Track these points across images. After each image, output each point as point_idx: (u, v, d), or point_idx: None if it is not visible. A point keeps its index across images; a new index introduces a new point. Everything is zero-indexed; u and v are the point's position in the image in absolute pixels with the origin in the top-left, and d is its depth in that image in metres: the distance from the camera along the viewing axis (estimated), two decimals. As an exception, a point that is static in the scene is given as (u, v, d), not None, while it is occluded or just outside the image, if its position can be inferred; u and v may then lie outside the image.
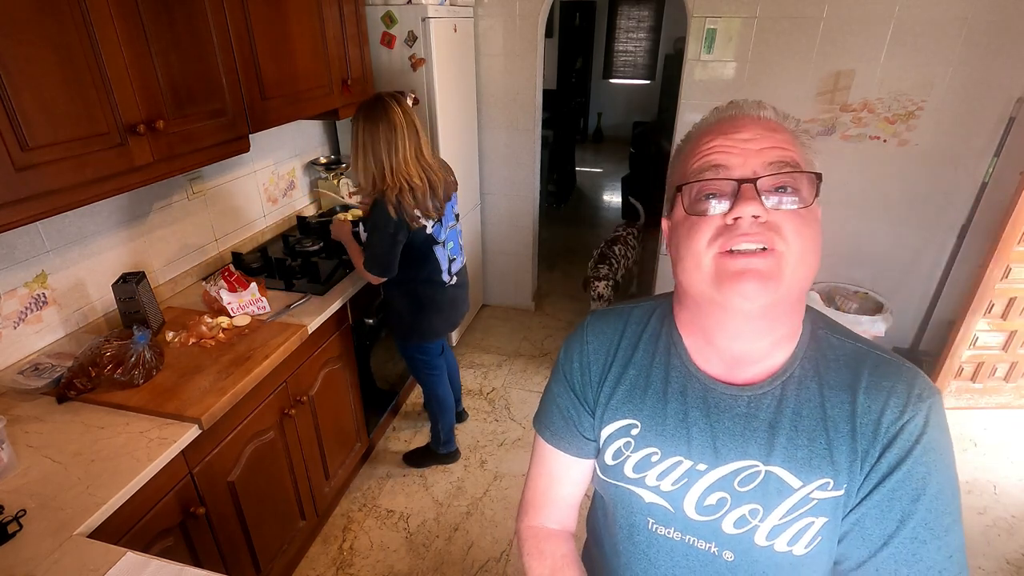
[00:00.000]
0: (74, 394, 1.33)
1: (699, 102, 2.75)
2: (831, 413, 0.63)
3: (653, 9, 7.28)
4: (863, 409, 0.62)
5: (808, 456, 0.63)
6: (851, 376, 0.64)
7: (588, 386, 0.77)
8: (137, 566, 0.96)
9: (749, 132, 0.61)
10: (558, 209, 5.54)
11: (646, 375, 0.72)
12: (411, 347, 2.11)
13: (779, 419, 0.64)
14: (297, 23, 1.85)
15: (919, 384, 0.62)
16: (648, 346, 0.74)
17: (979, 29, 2.30)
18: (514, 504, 2.17)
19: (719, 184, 0.60)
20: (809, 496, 0.62)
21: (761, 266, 0.58)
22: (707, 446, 0.67)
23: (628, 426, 0.72)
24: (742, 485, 0.65)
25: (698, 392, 0.68)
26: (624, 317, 0.78)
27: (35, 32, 1.08)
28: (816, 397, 0.64)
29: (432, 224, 1.85)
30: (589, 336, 0.78)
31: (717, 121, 0.65)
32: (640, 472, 0.71)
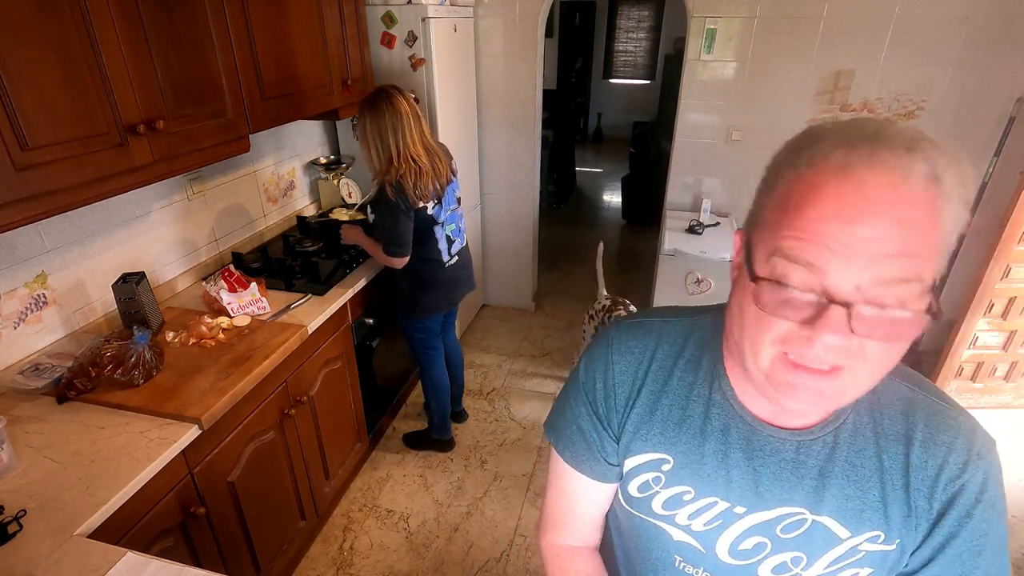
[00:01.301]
0: (74, 394, 1.33)
1: (699, 102, 2.75)
2: (887, 465, 0.59)
3: (653, 9, 7.29)
4: (919, 463, 0.58)
5: (860, 508, 0.59)
6: (904, 425, 0.60)
7: (613, 411, 0.69)
8: (137, 566, 0.96)
9: (874, 226, 0.44)
10: (558, 209, 5.54)
11: (682, 407, 0.65)
12: (410, 324, 2.16)
13: (831, 467, 0.60)
14: (297, 23, 1.85)
15: (978, 440, 0.58)
16: (686, 375, 0.66)
17: (979, 29, 2.30)
18: (514, 504, 2.17)
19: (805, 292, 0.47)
20: (857, 548, 0.59)
21: (823, 387, 0.49)
22: (748, 489, 0.62)
23: (659, 460, 0.66)
24: (785, 532, 0.61)
25: (741, 432, 0.62)
26: (655, 334, 0.68)
27: (35, 32, 1.08)
28: (872, 447, 0.60)
29: (433, 205, 1.92)
30: (616, 355, 0.69)
31: (834, 174, 0.46)
32: (670, 510, 0.66)
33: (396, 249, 1.89)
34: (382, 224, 1.88)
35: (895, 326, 0.46)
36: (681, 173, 2.97)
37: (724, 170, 2.88)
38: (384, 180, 1.83)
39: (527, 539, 2.04)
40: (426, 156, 1.87)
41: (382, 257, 1.94)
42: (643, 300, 3.72)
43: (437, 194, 1.92)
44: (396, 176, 1.81)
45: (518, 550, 1.99)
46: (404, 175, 1.81)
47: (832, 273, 0.45)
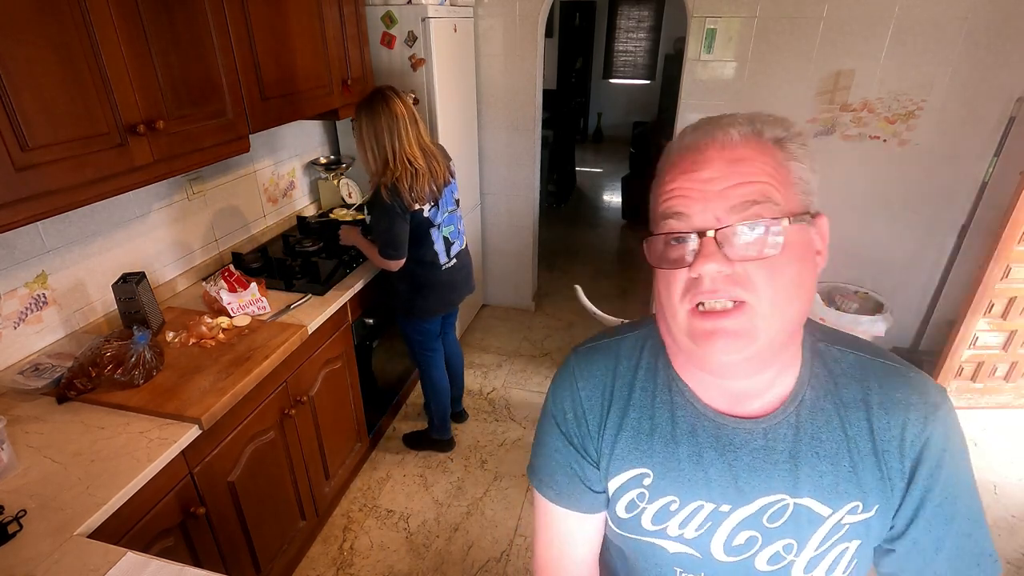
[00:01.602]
0: (74, 394, 1.33)
1: (699, 102, 2.75)
2: (851, 434, 0.61)
3: (653, 9, 7.29)
4: (882, 426, 0.60)
5: (834, 482, 0.60)
6: (861, 391, 0.62)
7: (588, 437, 0.69)
8: (137, 566, 0.96)
9: (711, 168, 0.54)
10: (558, 209, 5.54)
11: (650, 417, 0.66)
12: (408, 325, 2.16)
13: (799, 448, 0.61)
14: (297, 23, 1.85)
15: (931, 391, 0.61)
16: (646, 384, 0.67)
17: (979, 29, 2.30)
18: (514, 504, 2.17)
19: (680, 235, 0.55)
20: (841, 523, 0.61)
21: (731, 326, 0.54)
22: (729, 486, 0.63)
23: (639, 476, 0.66)
24: (771, 521, 0.62)
25: (709, 430, 0.63)
26: (613, 353, 0.70)
27: (35, 32, 1.08)
28: (834, 419, 0.61)
29: (429, 208, 1.91)
30: (579, 380, 0.70)
31: (680, 152, 0.58)
32: (660, 524, 0.66)
33: (392, 252, 1.89)
34: (377, 226, 1.88)
35: (760, 242, 0.53)
36: (681, 173, 2.96)
37: (724, 170, 2.87)
38: (380, 182, 1.82)
39: (527, 539, 2.04)
40: (422, 158, 1.87)
41: (378, 260, 1.94)
42: (643, 300, 3.72)
43: (434, 196, 1.92)
44: (392, 178, 1.81)
45: (518, 550, 1.99)
46: (400, 177, 1.81)
47: (695, 215, 0.55)
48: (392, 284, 2.08)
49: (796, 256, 0.54)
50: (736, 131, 0.56)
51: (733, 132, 0.56)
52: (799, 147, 0.57)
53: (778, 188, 0.54)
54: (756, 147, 0.55)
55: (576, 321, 3.48)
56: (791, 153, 0.56)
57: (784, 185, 0.55)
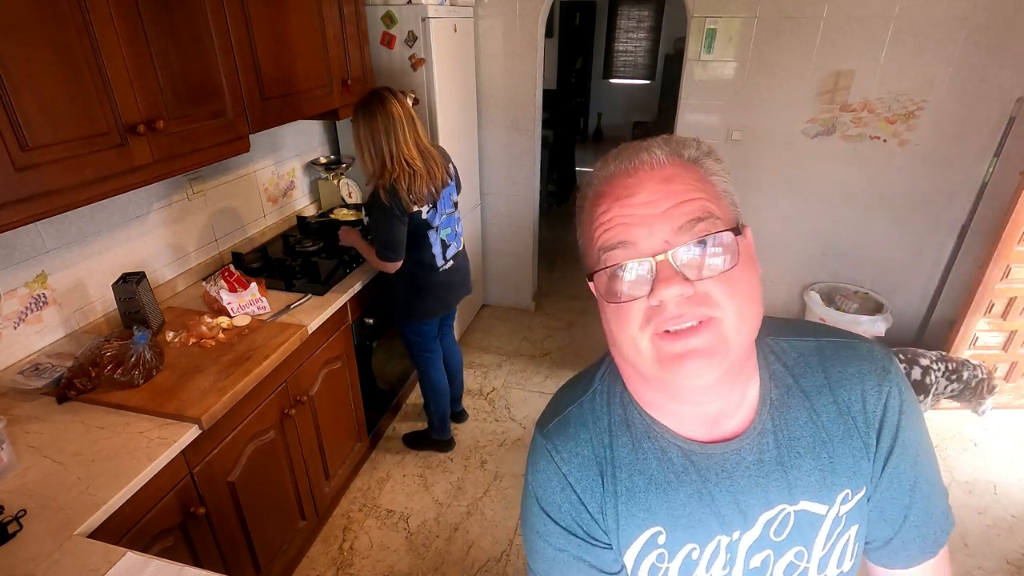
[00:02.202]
0: (74, 394, 1.33)
1: (699, 102, 2.75)
2: (821, 421, 0.61)
3: (653, 9, 7.28)
4: (845, 402, 0.61)
5: (821, 476, 0.60)
6: (821, 375, 0.62)
7: (592, 522, 0.63)
8: (137, 566, 0.96)
9: (645, 191, 0.53)
10: (558, 209, 5.54)
11: (640, 472, 0.62)
12: (406, 327, 2.16)
13: (782, 452, 0.60)
14: (297, 23, 1.85)
15: (879, 356, 0.62)
16: (623, 439, 0.63)
17: (979, 29, 2.30)
18: (514, 504, 2.17)
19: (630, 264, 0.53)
20: (838, 516, 0.61)
21: (701, 344, 0.52)
22: (734, 511, 0.61)
23: (652, 536, 0.62)
24: (777, 534, 0.61)
25: (700, 464, 0.61)
26: (582, 420, 0.65)
27: (35, 32, 1.08)
28: (803, 411, 0.61)
29: (427, 210, 1.91)
30: (563, 465, 0.63)
31: (607, 180, 0.56)
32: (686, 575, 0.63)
33: (389, 253, 1.88)
34: (376, 228, 1.88)
35: (715, 257, 0.52)
36: (681, 173, 2.96)
37: (724, 170, 2.87)
38: (378, 184, 1.82)
39: (527, 539, 2.04)
40: (420, 159, 1.86)
41: (376, 262, 1.93)
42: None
43: (432, 197, 1.91)
44: (390, 180, 1.80)
45: (518, 550, 1.99)
46: (398, 178, 1.80)
47: (641, 240, 0.52)
48: (390, 286, 2.08)
49: (745, 266, 0.54)
50: (659, 151, 0.55)
51: (657, 152, 0.55)
52: (714, 162, 0.57)
53: (713, 202, 0.54)
54: (681, 165, 0.55)
55: (576, 321, 3.48)
56: (709, 169, 0.57)
57: (716, 199, 0.55)
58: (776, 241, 2.90)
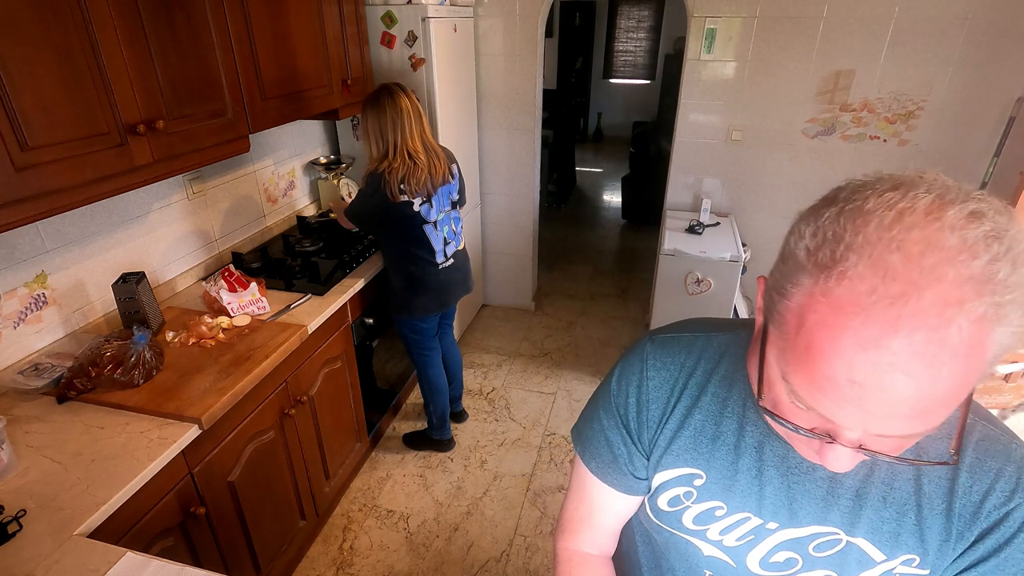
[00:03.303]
0: (74, 394, 1.33)
1: (699, 102, 2.75)
2: (927, 489, 0.57)
3: (653, 9, 7.28)
4: (964, 489, 0.56)
5: (896, 530, 0.58)
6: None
7: (644, 427, 0.67)
8: (137, 566, 0.96)
9: (897, 390, 0.39)
10: (558, 209, 5.55)
11: (715, 423, 0.64)
12: (405, 324, 2.16)
13: (867, 489, 0.59)
14: (297, 23, 1.85)
15: None
16: (720, 391, 0.64)
17: (979, 29, 2.30)
18: (514, 504, 2.17)
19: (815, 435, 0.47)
20: (893, 572, 0.59)
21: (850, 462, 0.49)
22: (782, 506, 0.61)
23: (690, 475, 0.65)
24: (819, 550, 0.61)
25: (777, 451, 0.61)
26: (695, 352, 0.66)
27: (35, 32, 1.08)
28: (911, 470, 0.58)
29: (419, 203, 1.93)
30: (650, 371, 0.67)
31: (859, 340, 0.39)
32: (701, 524, 0.65)
33: (349, 215, 2.00)
34: (357, 195, 1.97)
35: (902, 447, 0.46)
36: (681, 173, 2.97)
37: (724, 170, 2.88)
38: (372, 169, 1.87)
39: (527, 539, 2.04)
40: (424, 153, 1.90)
41: (340, 217, 2.09)
42: (643, 300, 3.72)
43: (427, 192, 1.93)
44: (385, 168, 1.84)
45: (518, 550, 1.99)
46: (395, 169, 1.84)
47: (844, 431, 0.45)
48: (388, 282, 2.09)
49: None
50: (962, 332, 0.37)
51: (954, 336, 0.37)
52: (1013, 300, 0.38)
53: (951, 409, 0.42)
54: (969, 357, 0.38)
55: (576, 321, 3.48)
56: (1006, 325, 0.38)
57: (970, 387, 0.41)
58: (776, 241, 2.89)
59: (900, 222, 0.39)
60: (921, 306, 0.37)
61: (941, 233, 0.38)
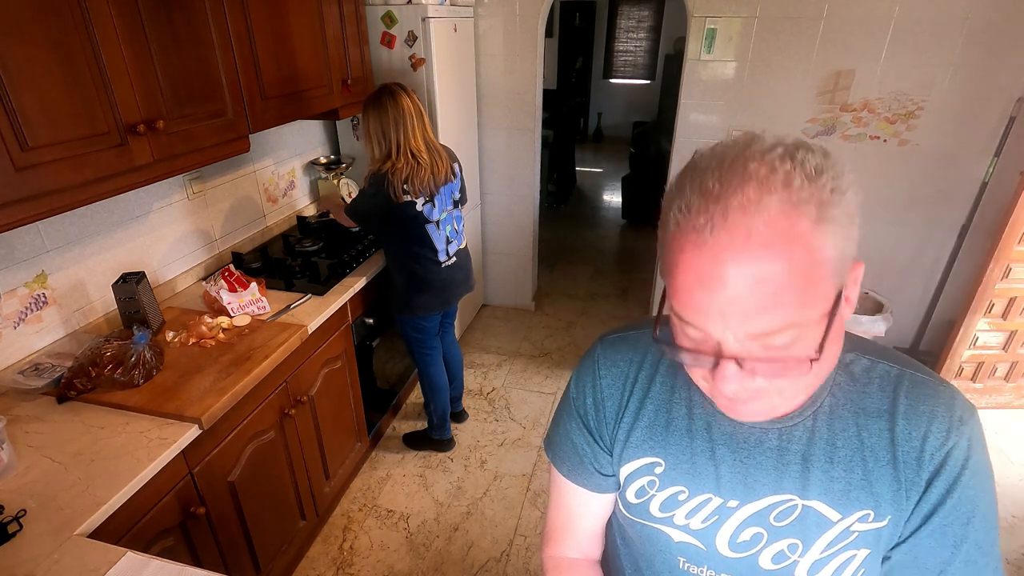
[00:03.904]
0: (74, 394, 1.33)
1: (699, 102, 2.75)
2: (868, 442, 0.60)
3: (653, 9, 7.29)
4: (903, 436, 0.59)
5: (846, 488, 0.60)
6: (887, 401, 0.61)
7: (604, 424, 0.72)
8: (137, 566, 0.96)
9: (724, 284, 0.46)
10: (558, 209, 5.54)
11: (666, 411, 0.68)
12: (406, 323, 2.16)
13: (812, 451, 0.61)
14: (297, 23, 1.85)
15: (959, 406, 0.59)
16: (666, 380, 0.68)
17: (979, 29, 2.30)
18: (514, 504, 2.17)
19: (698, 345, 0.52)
20: (849, 529, 0.60)
21: (758, 407, 0.56)
22: (738, 482, 0.64)
23: (651, 464, 0.69)
24: (779, 520, 0.63)
25: (725, 428, 0.65)
26: (642, 347, 0.71)
27: (35, 32, 1.08)
28: (851, 426, 0.61)
29: (423, 203, 1.93)
30: (602, 370, 0.72)
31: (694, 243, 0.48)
32: (667, 511, 0.68)
33: (350, 213, 1.99)
34: (358, 195, 1.96)
35: (785, 367, 0.50)
36: (681, 173, 2.96)
37: (724, 170, 2.87)
38: (375, 169, 1.87)
39: (527, 539, 2.04)
40: (426, 152, 1.90)
41: (340, 215, 2.08)
42: (643, 300, 3.72)
43: (430, 191, 1.93)
44: (389, 169, 1.84)
45: (518, 550, 1.99)
46: (399, 169, 1.84)
47: (713, 333, 0.50)
48: (390, 280, 2.09)
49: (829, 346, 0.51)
50: (762, 218, 0.45)
51: (758, 222, 0.45)
52: (842, 208, 0.47)
53: (808, 302, 0.47)
54: (786, 244, 0.45)
55: (576, 321, 3.48)
56: (830, 221, 0.46)
57: (816, 284, 0.47)
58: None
59: (721, 160, 0.49)
60: (731, 208, 0.46)
61: (750, 162, 0.47)
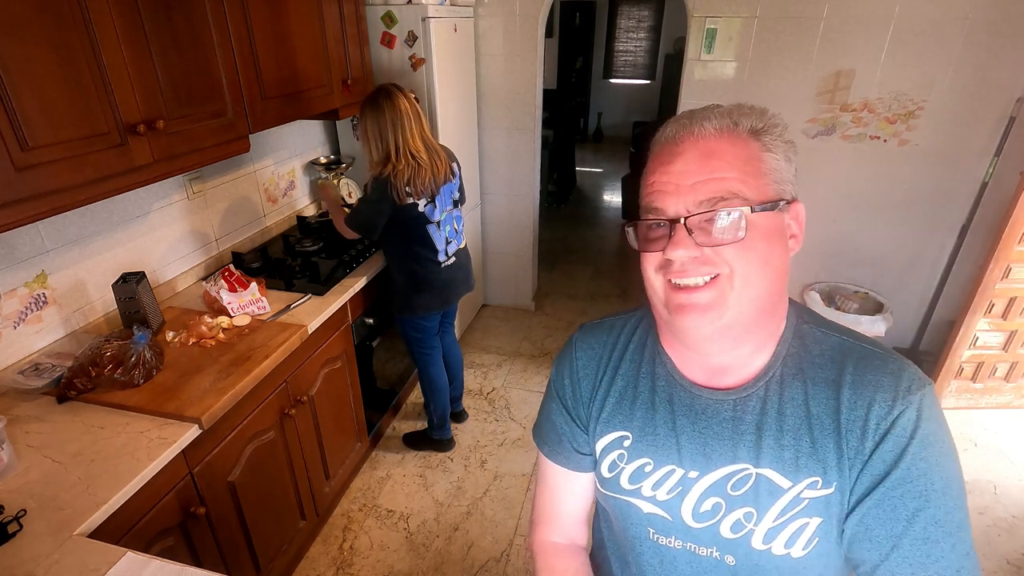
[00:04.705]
0: (74, 394, 1.33)
1: (699, 102, 2.74)
2: (815, 410, 0.62)
3: (653, 9, 7.29)
4: (848, 405, 0.61)
5: (795, 456, 0.62)
6: (835, 371, 0.63)
7: (579, 403, 0.77)
8: (137, 566, 0.96)
9: (683, 161, 0.59)
10: (558, 209, 5.54)
11: (633, 386, 0.73)
12: (406, 323, 2.16)
13: (764, 420, 0.64)
14: (297, 23, 1.85)
15: (907, 377, 0.60)
16: (634, 356, 0.74)
17: (979, 29, 2.30)
18: (514, 504, 2.17)
19: (656, 224, 0.61)
20: (800, 496, 0.62)
21: (701, 300, 0.60)
22: (697, 453, 0.67)
23: (620, 438, 0.73)
24: (735, 489, 0.65)
25: (684, 400, 0.68)
26: (616, 330, 0.78)
27: (35, 32, 1.08)
28: (800, 395, 0.63)
29: (424, 204, 1.93)
30: (578, 352, 0.78)
31: (660, 143, 0.63)
32: (635, 483, 0.71)
33: (352, 225, 1.95)
34: (358, 206, 1.95)
35: (723, 231, 0.58)
36: (681, 173, 2.96)
37: (724, 170, 2.87)
38: (376, 173, 1.86)
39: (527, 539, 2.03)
40: (425, 153, 1.90)
41: (339, 224, 2.02)
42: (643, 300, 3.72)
43: (431, 192, 1.93)
44: (390, 172, 1.83)
45: (518, 550, 1.99)
46: (399, 172, 1.83)
47: (669, 207, 0.60)
48: (391, 278, 2.09)
49: (763, 237, 0.59)
50: (711, 124, 0.60)
51: (708, 125, 0.59)
52: (775, 139, 0.60)
53: (747, 181, 0.58)
54: (730, 139, 0.59)
55: (576, 321, 3.48)
56: (765, 144, 0.60)
57: (755, 176, 0.59)
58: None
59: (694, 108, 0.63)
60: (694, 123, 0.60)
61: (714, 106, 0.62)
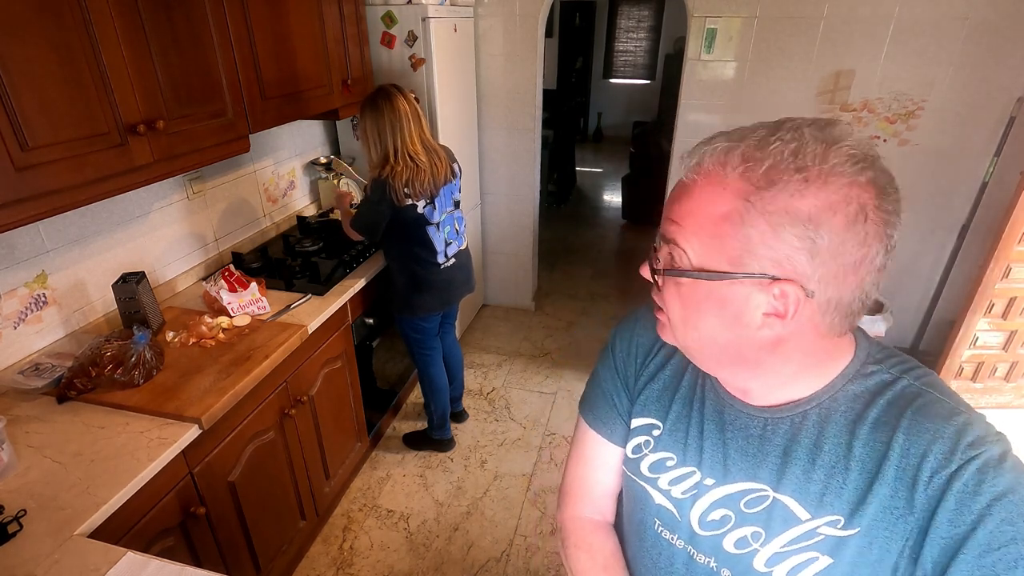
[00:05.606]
0: (74, 394, 1.33)
1: (699, 102, 2.75)
2: (859, 452, 0.58)
3: (653, 9, 7.28)
4: (900, 452, 0.55)
5: (821, 491, 0.59)
6: (895, 415, 0.57)
7: (632, 368, 0.78)
8: (137, 566, 0.96)
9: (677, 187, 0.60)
10: (558, 209, 5.54)
11: (678, 379, 0.73)
12: (406, 324, 2.16)
13: (794, 448, 0.61)
14: (297, 23, 1.85)
15: (974, 431, 0.53)
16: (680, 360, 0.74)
17: (979, 29, 2.30)
18: (514, 504, 2.17)
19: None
20: (816, 530, 0.59)
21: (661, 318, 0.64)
22: (717, 462, 0.66)
23: (651, 426, 0.73)
24: (748, 507, 0.64)
25: (717, 407, 0.68)
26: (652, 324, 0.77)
27: (35, 32, 1.08)
28: (845, 434, 0.59)
29: (424, 205, 1.93)
30: (640, 328, 0.79)
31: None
32: (654, 473, 0.72)
33: (357, 227, 1.96)
34: (360, 206, 1.96)
35: (653, 273, 0.62)
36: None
37: (724, 170, 2.87)
38: (375, 175, 1.86)
39: (527, 539, 2.04)
40: (424, 154, 1.89)
41: (346, 226, 2.01)
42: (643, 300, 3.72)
43: (430, 193, 1.93)
44: (389, 173, 1.83)
45: (518, 550, 1.99)
46: (398, 173, 1.83)
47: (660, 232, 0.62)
48: (392, 279, 2.09)
49: (692, 302, 0.58)
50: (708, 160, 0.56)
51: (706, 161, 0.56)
52: (772, 201, 0.51)
53: (692, 240, 0.56)
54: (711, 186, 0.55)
55: (576, 321, 3.48)
56: (752, 205, 0.52)
57: (710, 236, 0.55)
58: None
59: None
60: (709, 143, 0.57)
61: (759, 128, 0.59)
